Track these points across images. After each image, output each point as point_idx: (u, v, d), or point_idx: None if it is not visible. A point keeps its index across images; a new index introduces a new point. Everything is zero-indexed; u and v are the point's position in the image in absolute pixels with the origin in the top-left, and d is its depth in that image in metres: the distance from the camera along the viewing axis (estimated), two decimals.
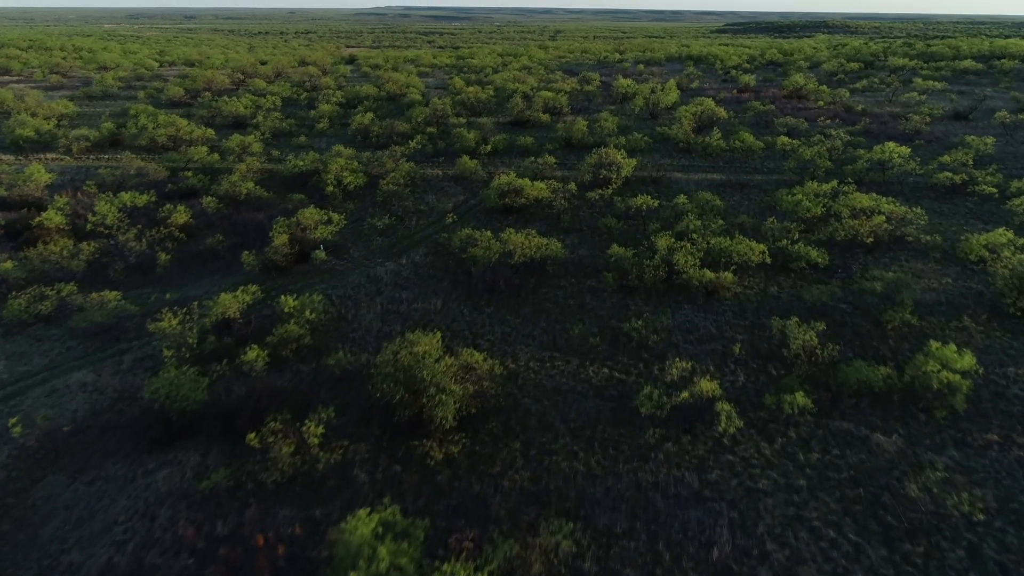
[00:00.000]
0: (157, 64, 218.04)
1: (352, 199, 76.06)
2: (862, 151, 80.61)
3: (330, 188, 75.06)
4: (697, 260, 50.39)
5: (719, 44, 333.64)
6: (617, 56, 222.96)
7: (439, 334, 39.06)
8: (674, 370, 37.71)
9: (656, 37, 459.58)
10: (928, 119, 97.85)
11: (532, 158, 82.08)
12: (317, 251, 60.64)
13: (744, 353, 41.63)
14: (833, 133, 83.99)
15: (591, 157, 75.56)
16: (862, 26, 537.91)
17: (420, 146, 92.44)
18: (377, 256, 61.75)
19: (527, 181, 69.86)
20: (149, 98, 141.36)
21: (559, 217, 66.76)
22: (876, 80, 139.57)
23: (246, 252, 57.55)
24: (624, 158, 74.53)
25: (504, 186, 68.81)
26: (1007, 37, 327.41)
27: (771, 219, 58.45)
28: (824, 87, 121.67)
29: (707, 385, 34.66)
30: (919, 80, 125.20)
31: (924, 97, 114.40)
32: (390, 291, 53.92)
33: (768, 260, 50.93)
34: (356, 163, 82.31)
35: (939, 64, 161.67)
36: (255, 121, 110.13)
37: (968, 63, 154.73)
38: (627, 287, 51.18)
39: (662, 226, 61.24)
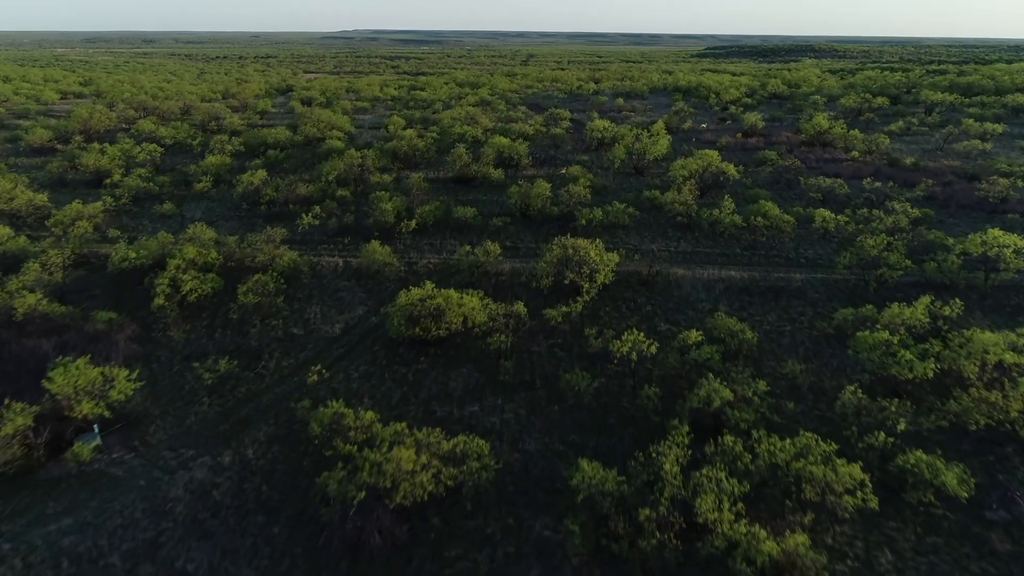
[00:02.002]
0: (58, 96, 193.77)
1: (195, 316, 52.51)
2: (937, 233, 58.77)
3: (160, 300, 51.42)
4: (739, 494, 27.49)
5: (706, 71, 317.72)
6: (592, 87, 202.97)
7: None
8: None
9: (634, 62, 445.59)
10: (1019, 182, 75.47)
11: (468, 247, 59.06)
12: (78, 443, 36.72)
13: None
14: (896, 207, 61.99)
15: (553, 249, 52.76)
16: (850, 50, 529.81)
17: (319, 220, 69.19)
18: (188, 441, 38.13)
19: (453, 295, 46.77)
20: (5, 143, 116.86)
21: (498, 360, 43.59)
22: (914, 121, 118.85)
23: None
24: (600, 252, 51.79)
25: (416, 305, 45.59)
26: None
27: (850, 389, 35.69)
28: (856, 132, 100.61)
29: None
30: (970, 122, 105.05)
31: (989, 145, 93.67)
32: (175, 544, 30.37)
33: (870, 497, 27.98)
34: (214, 252, 58.90)
35: (984, 99, 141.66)
36: (112, 180, 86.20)
37: (1020, 97, 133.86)
38: (610, 554, 28.04)
39: (663, 389, 38.43)
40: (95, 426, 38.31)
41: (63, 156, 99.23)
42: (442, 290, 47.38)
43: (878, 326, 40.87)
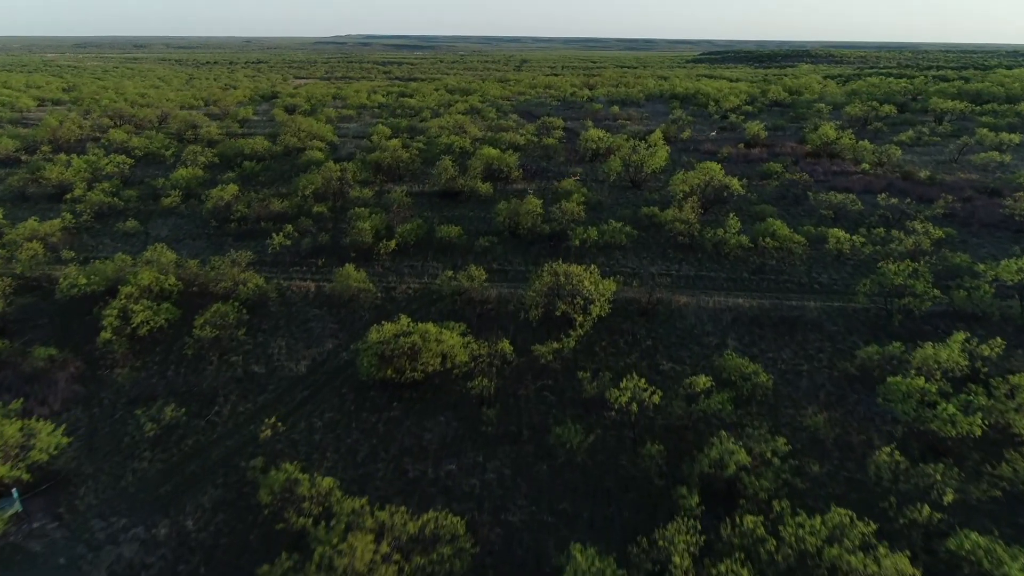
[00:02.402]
0: (35, 103, 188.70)
1: (147, 350, 47.70)
2: (962, 256, 54.31)
3: (106, 335, 46.57)
4: None
5: (702, 76, 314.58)
6: (586, 93, 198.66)
7: None
8: None
9: (629, 67, 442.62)
10: None
11: (451, 272, 54.37)
12: None
13: None
14: (918, 227, 57.26)
15: (543, 276, 48.09)
16: (847, 55, 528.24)
17: (291, 241, 64.48)
18: (121, 507, 33.29)
19: (431, 330, 41.99)
20: None
21: (481, 408, 38.79)
22: (925, 130, 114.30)
23: None
24: (595, 280, 47.13)
25: (389, 342, 40.81)
26: None
27: (884, 451, 31.00)
28: (866, 142, 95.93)
29: None
30: (984, 132, 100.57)
31: (1008, 158, 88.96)
32: None
33: None
34: (172, 278, 54.09)
35: (996, 108, 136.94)
36: (74, 194, 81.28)
37: None
38: None
39: (668, 444, 33.81)
40: (13, 490, 33.37)
41: (26, 168, 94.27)
42: (419, 325, 42.58)
43: (911, 370, 36.20)
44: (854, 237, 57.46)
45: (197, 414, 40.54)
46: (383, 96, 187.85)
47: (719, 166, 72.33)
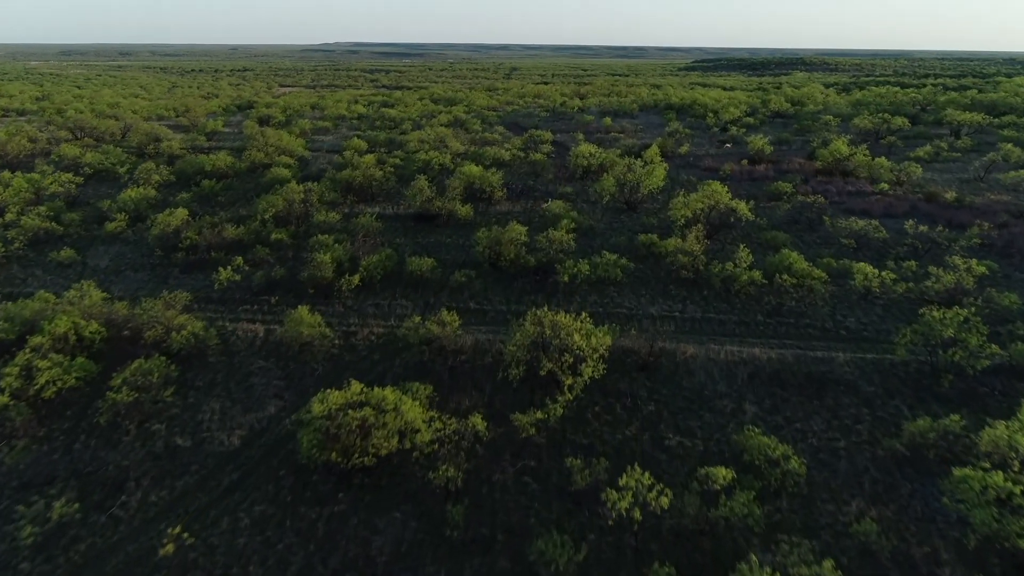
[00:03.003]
0: None
1: (56, 415, 40.47)
2: (1010, 296, 47.59)
3: (3, 399, 39.28)
4: None
5: (696, 85, 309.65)
6: (577, 103, 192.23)
7: None
8: None
9: (620, 75, 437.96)
10: None
11: (418, 318, 47.22)
12: None
13: None
14: (958, 263, 50.16)
15: (525, 326, 41.01)
16: (842, 63, 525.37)
17: (240, 276, 57.23)
18: None
19: (389, 397, 34.90)
20: None
21: (445, 501, 31.61)
22: (943, 145, 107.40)
23: None
24: (587, 332, 40.12)
25: (335, 417, 33.63)
26: None
27: None
28: (883, 159, 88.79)
29: None
30: (1009, 147, 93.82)
31: None
32: None
33: None
34: (95, 323, 46.84)
35: (1016, 120, 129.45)
36: (6, 219, 73.80)
37: None
38: None
39: (680, 562, 26.78)
40: None
41: None
42: (374, 391, 35.43)
43: (977, 456, 29.31)
44: (883, 273, 50.66)
45: (98, 506, 33.23)
46: (363, 107, 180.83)
47: (724, 188, 65.48)
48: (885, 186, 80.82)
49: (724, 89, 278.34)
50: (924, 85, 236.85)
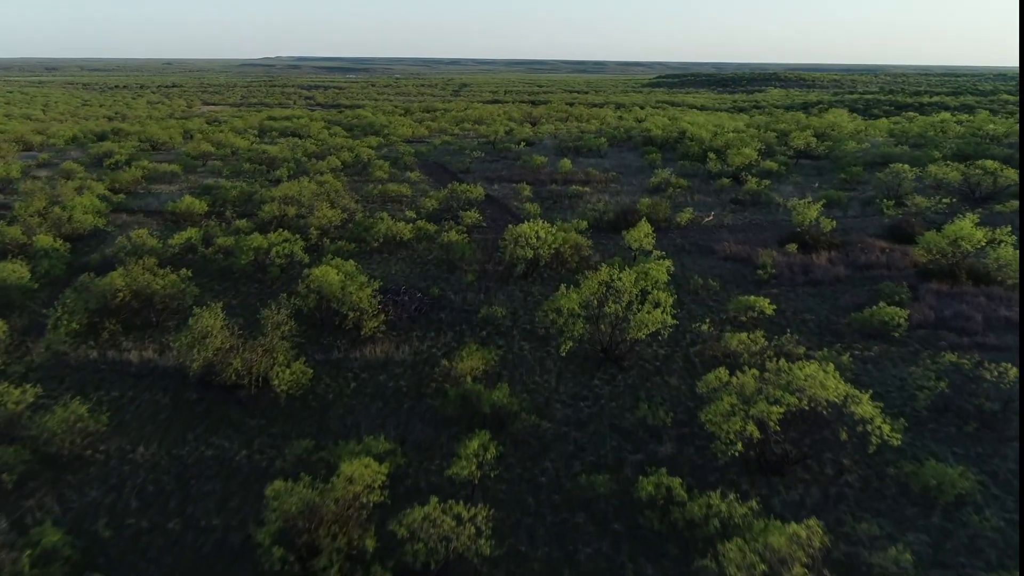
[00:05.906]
0: None
1: None
2: None
3: None
4: None
5: (663, 103, 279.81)
6: (528, 131, 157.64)
7: None
8: None
9: (579, 92, 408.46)
10: None
11: None
12: None
13: None
14: None
15: None
16: (820, 79, 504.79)
17: None
18: None
19: None
20: None
21: None
22: None
23: None
24: None
25: None
26: None
27: None
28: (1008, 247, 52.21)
29: None
30: None
31: None
32: None
33: None
34: None
35: None
36: None
37: None
38: None
39: None
40: None
41: None
42: None
43: None
44: None
45: None
46: (248, 140, 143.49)
47: (819, 369, 30.62)
48: None
49: (698, 109, 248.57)
50: (977, 110, 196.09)
